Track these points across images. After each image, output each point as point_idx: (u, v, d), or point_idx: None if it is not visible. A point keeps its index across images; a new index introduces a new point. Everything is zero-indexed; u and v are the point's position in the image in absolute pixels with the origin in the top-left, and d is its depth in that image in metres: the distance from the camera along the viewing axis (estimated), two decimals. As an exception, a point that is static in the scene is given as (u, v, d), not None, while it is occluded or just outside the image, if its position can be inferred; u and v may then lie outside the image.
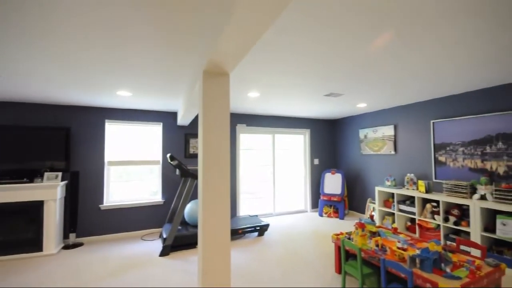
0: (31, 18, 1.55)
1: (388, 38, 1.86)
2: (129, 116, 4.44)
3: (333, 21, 1.63)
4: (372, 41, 1.92)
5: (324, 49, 2.06)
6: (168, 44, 1.92)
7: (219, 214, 1.71)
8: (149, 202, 4.48)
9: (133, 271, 3.00)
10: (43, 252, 3.53)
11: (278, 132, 5.72)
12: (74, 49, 2.00)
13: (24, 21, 1.59)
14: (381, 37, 1.84)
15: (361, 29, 1.74)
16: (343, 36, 1.83)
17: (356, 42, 1.95)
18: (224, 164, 1.74)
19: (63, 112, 4.03)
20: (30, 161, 3.70)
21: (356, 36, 1.85)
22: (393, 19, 1.62)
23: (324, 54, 2.17)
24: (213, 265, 1.68)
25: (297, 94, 3.61)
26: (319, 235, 4.25)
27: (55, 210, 3.60)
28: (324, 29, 1.73)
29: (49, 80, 2.78)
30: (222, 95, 1.76)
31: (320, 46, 2.00)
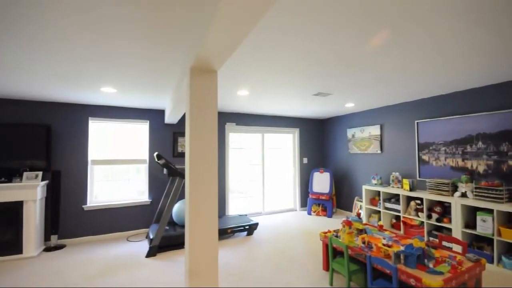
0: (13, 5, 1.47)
1: (380, 38, 1.88)
2: (114, 114, 4.31)
3: (320, 20, 1.64)
4: (360, 40, 1.94)
5: (311, 48, 2.07)
6: (154, 40, 1.87)
7: (206, 213, 1.68)
8: (135, 202, 4.37)
9: (118, 273, 2.92)
10: (23, 254, 3.37)
11: (267, 131, 5.73)
12: (56, 41, 1.91)
13: (5, 8, 1.50)
14: (373, 36, 1.86)
15: (348, 29, 1.76)
16: (330, 35, 1.85)
17: (344, 41, 1.97)
18: (212, 163, 1.71)
19: (44, 109, 3.86)
20: (8, 160, 3.52)
21: (343, 36, 1.86)
22: (381, 18, 1.64)
23: (312, 52, 2.18)
24: (200, 265, 1.65)
25: (286, 93, 3.61)
26: (307, 233, 4.28)
27: (35, 211, 3.45)
28: (311, 27, 1.73)
29: (29, 73, 2.65)
30: (210, 92, 1.73)
31: (307, 44, 2.01)
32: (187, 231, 1.70)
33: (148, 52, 2.10)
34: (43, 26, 1.67)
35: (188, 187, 1.69)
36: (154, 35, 1.81)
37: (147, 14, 1.53)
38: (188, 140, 1.69)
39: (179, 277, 2.81)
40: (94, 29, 1.72)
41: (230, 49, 1.42)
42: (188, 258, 1.64)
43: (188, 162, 1.70)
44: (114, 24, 1.65)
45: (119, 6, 1.45)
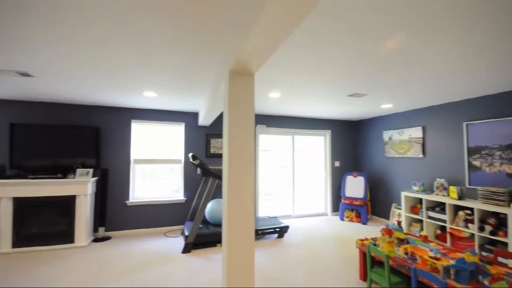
0: (65, 26, 1.65)
1: (402, 39, 1.76)
2: (153, 116, 4.60)
3: (358, 22, 1.58)
4: (398, 41, 1.83)
5: (348, 49, 2.00)
6: (192, 47, 1.97)
7: (243, 214, 1.71)
8: (171, 200, 4.60)
9: (157, 266, 3.09)
10: (75, 244, 3.74)
11: (298, 133, 5.65)
12: (104, 53, 2.10)
13: (62, 29, 1.70)
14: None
15: (387, 30, 1.67)
16: (368, 36, 1.77)
17: (381, 42, 1.87)
18: (248, 164, 1.74)
19: (93, 112, 4.26)
20: (64, 158, 3.94)
21: (382, 36, 1.77)
22: (419, 18, 1.54)
23: (348, 54, 2.10)
24: (238, 265, 1.68)
25: (319, 94, 3.54)
26: (340, 239, 4.13)
27: (86, 204, 3.81)
28: (349, 30, 1.67)
29: (82, 82, 2.94)
30: (247, 95, 1.76)
31: (343, 47, 1.94)
32: (224, 231, 1.75)
33: (186, 58, 2.21)
34: (93, 43, 1.85)
35: (225, 188, 1.73)
36: (192, 43, 1.90)
37: (186, 24, 1.62)
38: (226, 142, 1.74)
39: (214, 274, 2.89)
40: (137, 40, 1.86)
41: (269, 52, 1.44)
42: (226, 257, 1.68)
43: (226, 164, 1.75)
44: (155, 34, 1.77)
45: (161, 17, 1.55)
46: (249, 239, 1.71)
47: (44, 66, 2.44)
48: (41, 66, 2.42)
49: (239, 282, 1.67)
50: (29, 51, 2.09)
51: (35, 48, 2.03)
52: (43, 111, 4.01)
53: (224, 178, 1.78)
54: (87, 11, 1.51)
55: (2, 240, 3.46)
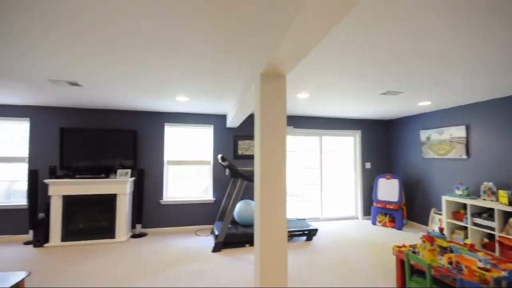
0: (109, 41, 1.80)
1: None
2: (184, 119, 4.80)
3: (392, 17, 1.50)
4: (437, 33, 1.70)
5: (382, 46, 1.91)
6: (226, 50, 2.02)
7: (276, 215, 1.71)
8: (201, 200, 4.76)
9: (189, 263, 3.22)
10: (115, 239, 4.04)
11: (326, 134, 5.52)
12: (142, 63, 2.24)
13: (106, 43, 1.85)
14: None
15: (425, 23, 1.56)
16: (404, 31, 1.67)
17: (419, 36, 1.75)
18: (281, 166, 1.74)
19: (131, 117, 4.57)
20: (106, 159, 4.28)
21: (419, 30, 1.66)
22: (462, 5, 1.42)
23: (382, 51, 2.01)
24: (270, 265, 1.69)
25: (349, 94, 3.42)
26: (373, 244, 3.94)
27: (125, 202, 4.09)
28: (382, 26, 1.60)
29: (123, 89, 3.17)
30: (279, 97, 1.77)
31: (377, 43, 1.86)
32: (257, 232, 1.77)
33: (217, 62, 2.28)
34: (133, 51, 1.99)
35: (258, 189, 1.75)
36: (224, 48, 1.96)
37: (219, 30, 1.67)
38: (258, 143, 1.76)
39: (244, 274, 2.92)
40: (172, 48, 1.96)
41: (303, 54, 1.43)
42: (259, 259, 1.69)
43: (258, 165, 1.77)
44: (189, 44, 1.85)
45: (195, 27, 1.62)
46: (282, 241, 1.72)
47: (91, 76, 2.68)
48: (88, 76, 2.66)
49: (272, 283, 1.68)
50: (78, 63, 2.31)
51: (83, 60, 2.24)
52: (88, 117, 4.40)
53: (256, 180, 1.80)
54: (126, 26, 1.63)
55: (53, 234, 3.85)
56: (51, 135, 4.25)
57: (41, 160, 4.19)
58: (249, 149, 5.07)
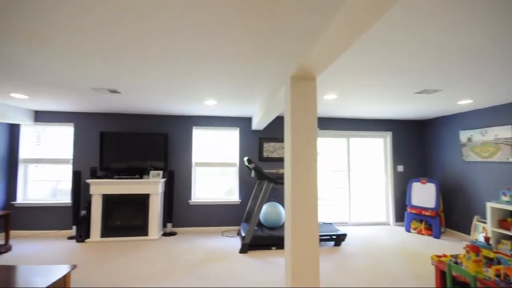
0: (147, 51, 1.92)
1: None
2: (211, 122, 4.94)
3: (427, 11, 1.41)
4: (476, 26, 1.57)
5: (417, 43, 1.81)
6: (256, 54, 2.05)
7: (308, 219, 1.69)
8: (227, 201, 4.84)
9: (218, 263, 3.29)
10: (148, 237, 4.25)
11: (353, 135, 5.34)
12: (174, 71, 2.36)
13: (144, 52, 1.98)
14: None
15: (461, 16, 1.45)
16: (441, 26, 1.57)
17: (457, 30, 1.63)
18: (312, 168, 1.72)
19: (162, 121, 4.80)
20: (139, 161, 4.53)
21: (456, 23, 1.55)
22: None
23: (419, 47, 1.90)
24: (302, 270, 1.67)
25: (381, 94, 3.29)
26: (408, 253, 3.71)
27: (157, 202, 4.30)
28: (417, 21, 1.51)
29: (156, 95, 3.35)
30: (309, 99, 1.76)
31: (412, 40, 1.76)
32: (288, 235, 1.76)
33: (246, 66, 2.32)
34: (168, 61, 2.09)
35: (289, 192, 1.75)
36: (255, 51, 1.99)
37: (250, 35, 1.70)
38: (289, 146, 1.76)
39: (272, 276, 2.92)
40: (203, 55, 2.03)
41: (337, 56, 1.41)
42: (290, 263, 1.68)
43: (288, 168, 1.76)
44: (220, 49, 1.91)
45: (226, 33, 1.66)
46: (314, 245, 1.69)
47: (129, 84, 2.87)
48: (127, 83, 2.86)
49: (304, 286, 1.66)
50: (119, 72, 2.49)
51: (123, 69, 2.41)
52: (124, 121, 4.71)
53: (287, 183, 1.80)
54: (163, 39, 1.73)
55: (93, 231, 4.16)
56: (92, 139, 4.61)
57: (84, 161, 4.57)
58: (275, 151, 5.07)
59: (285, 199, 1.86)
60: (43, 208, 4.47)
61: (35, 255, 3.55)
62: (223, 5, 1.40)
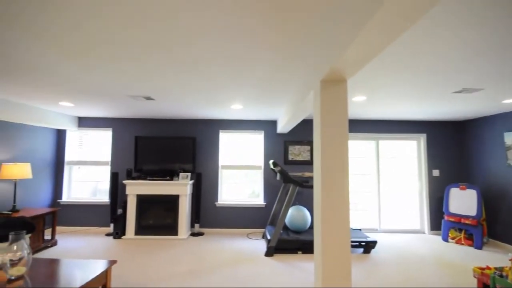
0: (179, 60, 2.03)
1: None
2: (237, 126, 5.04)
3: (473, 2, 1.33)
4: (549, 17, 1.44)
5: (456, 40, 1.71)
6: (284, 59, 2.08)
7: (339, 224, 1.67)
8: (252, 204, 4.89)
9: (244, 264, 3.34)
10: (178, 236, 4.43)
11: (383, 137, 5.12)
12: (205, 78, 2.46)
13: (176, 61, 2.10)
14: None
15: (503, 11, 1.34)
16: (484, 19, 1.47)
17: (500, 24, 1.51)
18: (343, 172, 1.70)
19: (191, 125, 5.01)
20: (170, 163, 4.76)
21: (503, 17, 1.44)
22: None
23: (457, 45, 1.79)
24: (333, 277, 1.65)
25: (415, 94, 3.13)
26: (446, 264, 3.47)
27: (186, 203, 4.48)
28: (455, 17, 1.43)
29: (187, 101, 3.52)
30: (340, 102, 1.74)
31: (451, 37, 1.67)
32: (318, 241, 1.75)
33: (274, 71, 2.36)
34: (199, 69, 2.20)
35: (319, 196, 1.74)
36: (283, 57, 2.02)
37: (277, 39, 1.73)
38: (319, 149, 1.75)
39: (299, 280, 2.89)
40: (233, 61, 2.10)
41: (371, 58, 1.39)
42: (321, 269, 1.67)
43: (318, 171, 1.76)
44: (249, 54, 1.96)
45: (256, 38, 1.71)
46: (345, 252, 1.66)
47: (162, 91, 3.05)
48: (160, 91, 3.04)
49: (335, 294, 1.63)
50: (153, 80, 2.66)
51: (158, 78, 2.57)
52: (156, 126, 4.99)
53: (317, 187, 1.79)
54: (194, 49, 1.83)
55: (129, 228, 4.43)
56: (128, 142, 4.95)
57: (120, 163, 4.91)
58: (300, 154, 5.03)
59: (314, 204, 1.85)
60: (85, 206, 4.87)
61: (78, 249, 3.87)
62: (254, 12, 1.45)
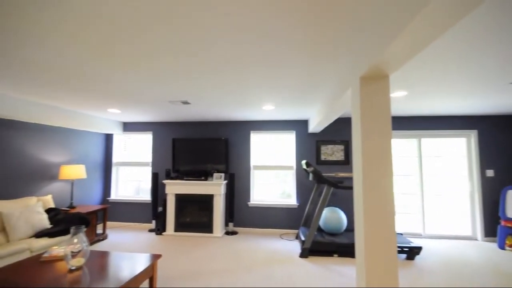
0: (214, 64, 2.10)
1: None
2: (268, 126, 5.07)
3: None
4: None
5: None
6: (321, 57, 2.05)
7: (384, 228, 1.59)
8: (285, 204, 4.87)
9: (279, 265, 3.34)
10: (213, 234, 4.59)
11: (426, 135, 4.74)
12: (240, 82, 2.52)
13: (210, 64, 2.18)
14: None
15: None
16: None
17: None
18: (387, 173, 1.62)
19: (223, 127, 5.16)
20: (204, 164, 4.95)
21: None
22: None
23: (529, 28, 1.59)
24: (378, 284, 1.57)
25: (464, 87, 2.85)
26: (503, 274, 3.09)
27: (220, 202, 4.63)
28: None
29: (221, 104, 3.63)
30: (382, 99, 1.66)
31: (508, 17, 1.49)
32: (360, 245, 1.69)
33: (308, 70, 2.33)
34: (234, 72, 2.25)
35: (360, 198, 1.68)
36: (320, 55, 1.98)
37: (316, 36, 1.70)
38: (359, 150, 1.69)
39: (337, 285, 2.81)
40: (267, 62, 2.11)
41: (418, 51, 1.30)
42: (364, 276, 1.61)
43: (359, 172, 1.70)
44: (285, 54, 1.96)
45: (292, 39, 1.70)
46: (391, 258, 1.58)
47: (199, 95, 3.19)
48: (197, 95, 3.19)
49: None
50: (191, 86, 2.80)
51: (195, 83, 2.70)
52: (191, 128, 5.24)
53: (357, 188, 1.73)
54: (230, 52, 1.88)
55: (168, 225, 4.71)
56: (166, 144, 5.27)
57: (160, 164, 5.24)
58: (333, 154, 4.88)
59: (355, 207, 1.78)
60: (129, 204, 5.29)
61: (125, 243, 4.22)
62: (291, 8, 1.45)
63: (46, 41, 1.79)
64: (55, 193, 4.23)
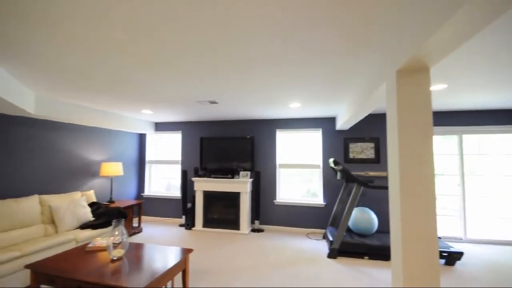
0: (242, 63, 2.12)
1: None
2: (294, 125, 5.01)
3: None
4: None
5: None
6: (354, 51, 1.98)
7: (423, 231, 1.50)
8: (311, 203, 4.79)
9: (306, 265, 3.30)
10: (239, 231, 4.67)
11: (468, 131, 4.36)
12: (266, 79, 2.51)
13: (238, 64, 2.20)
14: None
15: None
16: None
17: None
18: (428, 173, 1.52)
19: (249, 125, 5.20)
20: (230, 162, 5.04)
21: None
22: None
23: None
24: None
25: (510, 78, 2.57)
26: None
27: (246, 200, 4.69)
28: None
29: (247, 102, 3.67)
30: (421, 93, 1.55)
31: None
32: (397, 249, 1.61)
33: (340, 68, 2.26)
34: (262, 70, 2.25)
35: (397, 200, 1.60)
36: (353, 49, 1.91)
37: (349, 32, 1.64)
38: (396, 147, 1.60)
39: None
40: (295, 59, 2.08)
41: (462, 41, 1.20)
42: (402, 281, 1.53)
43: (396, 172, 1.61)
44: (313, 51, 1.92)
45: (321, 35, 1.66)
46: (433, 263, 1.48)
47: (226, 94, 3.26)
48: (224, 94, 3.26)
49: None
50: (218, 85, 2.87)
51: (223, 82, 2.76)
52: (218, 127, 5.36)
53: (394, 188, 1.65)
54: (259, 51, 1.89)
55: (197, 221, 4.88)
56: (194, 143, 5.45)
57: (189, 162, 5.45)
58: (362, 152, 4.69)
59: (390, 208, 1.70)
60: (161, 200, 5.57)
61: (159, 236, 4.46)
62: (324, 4, 1.42)
63: (92, 51, 1.94)
64: (96, 188, 4.59)
